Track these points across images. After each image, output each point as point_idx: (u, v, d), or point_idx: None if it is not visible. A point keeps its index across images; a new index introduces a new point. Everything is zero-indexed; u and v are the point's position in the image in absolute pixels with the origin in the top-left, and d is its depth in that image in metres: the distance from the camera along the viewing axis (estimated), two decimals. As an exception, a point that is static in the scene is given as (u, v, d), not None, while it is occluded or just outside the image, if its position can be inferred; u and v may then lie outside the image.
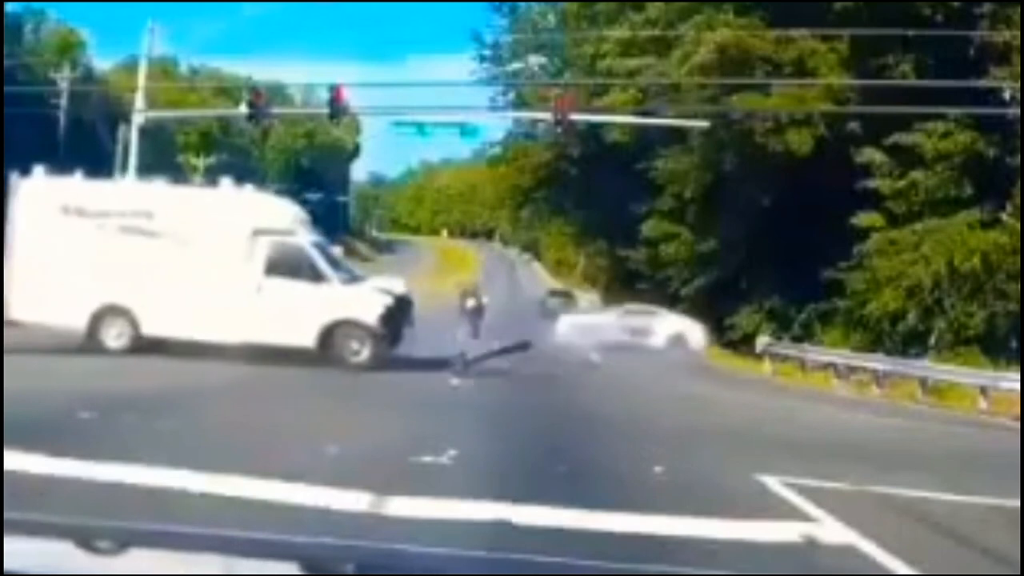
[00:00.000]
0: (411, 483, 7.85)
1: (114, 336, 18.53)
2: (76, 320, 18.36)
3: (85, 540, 2.27)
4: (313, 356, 18.25)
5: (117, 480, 7.16)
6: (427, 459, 9.05)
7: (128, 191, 19.52)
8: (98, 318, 18.48)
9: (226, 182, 20.41)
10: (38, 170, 19.62)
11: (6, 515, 2.24)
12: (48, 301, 18.06)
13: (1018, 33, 25.70)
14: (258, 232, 18.65)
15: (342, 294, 18.70)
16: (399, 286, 20.31)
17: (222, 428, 10.68)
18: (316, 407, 13.29)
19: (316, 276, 18.67)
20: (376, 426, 11.51)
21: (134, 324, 18.50)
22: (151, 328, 18.32)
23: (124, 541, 2.33)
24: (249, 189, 20.66)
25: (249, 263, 18.42)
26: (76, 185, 19.41)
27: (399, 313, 19.22)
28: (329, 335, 18.49)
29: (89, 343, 18.37)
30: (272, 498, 6.97)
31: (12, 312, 18.41)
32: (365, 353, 18.49)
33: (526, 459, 9.90)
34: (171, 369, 16.61)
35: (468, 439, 10.65)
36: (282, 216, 19.77)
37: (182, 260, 18.23)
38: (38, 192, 18.99)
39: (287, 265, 18.53)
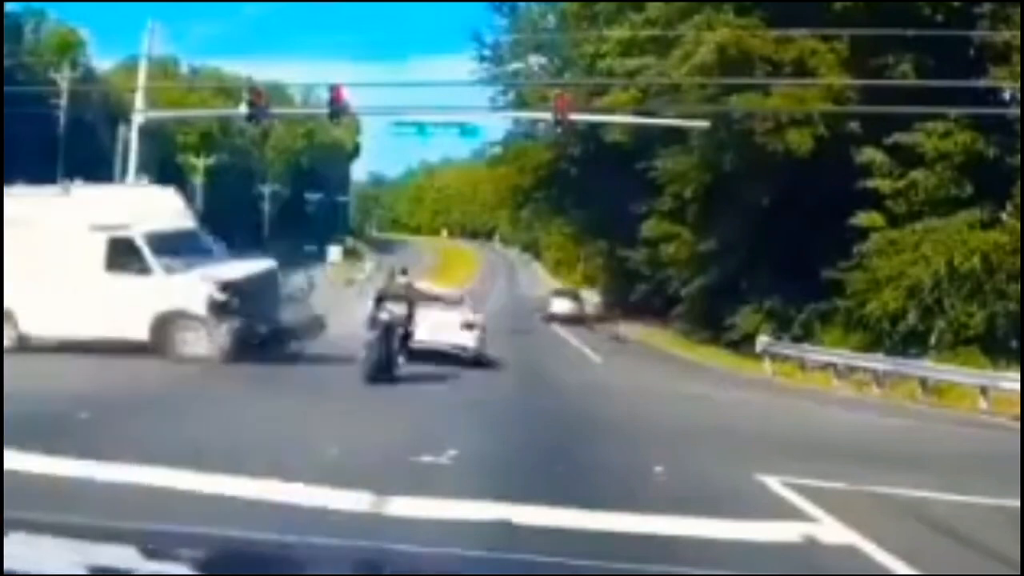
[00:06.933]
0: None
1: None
2: None
3: (85, 540, 2.27)
4: (149, 349, 17.89)
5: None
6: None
7: (14, 195, 19.65)
8: None
9: (77, 183, 20.54)
10: None
11: (6, 515, 2.24)
12: None
13: (1018, 33, 25.65)
14: (95, 228, 18.60)
15: (166, 285, 18.31)
16: (256, 266, 19.78)
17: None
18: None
19: (142, 268, 18.48)
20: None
21: (15, 325, 18.58)
22: (28, 328, 18.44)
23: (124, 541, 2.33)
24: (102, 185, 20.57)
25: (90, 259, 18.43)
26: None
27: (252, 297, 18.44)
28: (160, 328, 18.21)
29: None
30: (272, 498, 6.97)
31: None
32: (202, 345, 18.06)
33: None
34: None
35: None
36: (119, 210, 19.40)
37: (42, 260, 18.28)
38: None
39: (122, 259, 18.47)
